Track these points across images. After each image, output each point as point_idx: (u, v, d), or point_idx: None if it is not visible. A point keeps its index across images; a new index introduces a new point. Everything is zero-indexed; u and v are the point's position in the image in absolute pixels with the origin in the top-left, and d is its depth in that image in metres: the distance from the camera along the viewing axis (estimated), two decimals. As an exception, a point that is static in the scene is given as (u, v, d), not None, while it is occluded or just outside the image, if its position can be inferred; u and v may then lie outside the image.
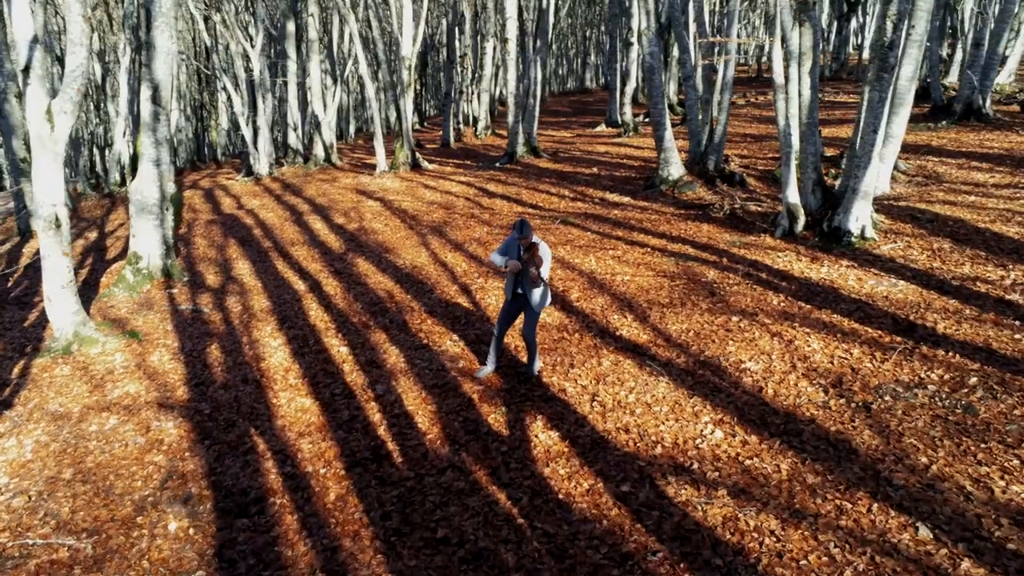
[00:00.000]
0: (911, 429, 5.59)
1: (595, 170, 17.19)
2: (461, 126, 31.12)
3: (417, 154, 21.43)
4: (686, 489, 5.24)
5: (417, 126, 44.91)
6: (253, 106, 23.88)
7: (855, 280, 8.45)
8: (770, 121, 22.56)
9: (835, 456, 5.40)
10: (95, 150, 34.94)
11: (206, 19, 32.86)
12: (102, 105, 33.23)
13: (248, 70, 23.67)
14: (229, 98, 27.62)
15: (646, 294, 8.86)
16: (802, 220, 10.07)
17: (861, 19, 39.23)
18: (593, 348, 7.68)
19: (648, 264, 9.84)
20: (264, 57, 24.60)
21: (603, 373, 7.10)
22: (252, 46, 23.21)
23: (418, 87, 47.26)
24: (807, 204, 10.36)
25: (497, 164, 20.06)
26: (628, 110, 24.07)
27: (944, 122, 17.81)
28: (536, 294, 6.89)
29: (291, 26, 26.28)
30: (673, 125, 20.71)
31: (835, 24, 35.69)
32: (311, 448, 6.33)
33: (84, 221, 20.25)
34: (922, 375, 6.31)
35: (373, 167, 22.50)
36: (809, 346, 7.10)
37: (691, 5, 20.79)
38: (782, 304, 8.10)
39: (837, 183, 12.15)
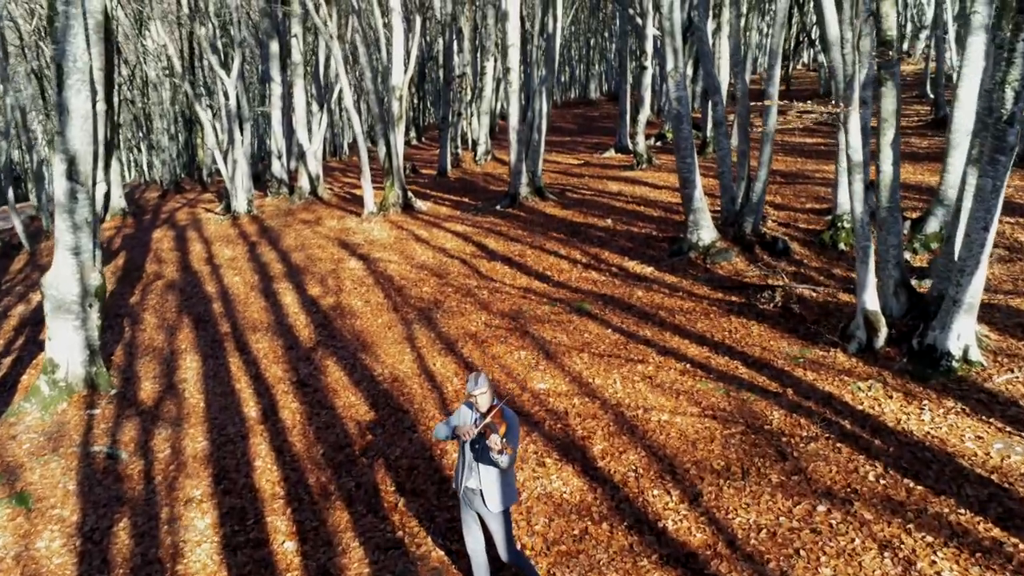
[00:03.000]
0: None
1: (609, 222, 15.09)
2: (459, 150, 29.00)
3: (409, 193, 19.34)
4: None
5: (415, 141, 42.93)
6: (231, 137, 21.81)
7: (973, 440, 6.34)
8: (800, 152, 20.46)
9: None
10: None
11: (191, 33, 30.84)
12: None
13: (226, 95, 21.61)
14: (215, 114, 25.60)
15: (692, 450, 6.75)
16: (884, 333, 7.95)
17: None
18: (629, 554, 5.57)
19: (690, 393, 7.72)
20: (242, 83, 22.52)
21: (647, 613, 5.00)
22: (228, 73, 21.13)
23: (415, 100, 45.27)
24: (888, 309, 8.25)
25: (498, 207, 17.96)
26: (641, 140, 21.94)
27: (1004, 164, 15.66)
28: (496, 486, 4.84)
29: (275, 46, 24.21)
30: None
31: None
32: None
33: (38, 270, 18.18)
34: None
35: (362, 201, 20.31)
36: (938, 574, 5.00)
37: (712, 31, 18.74)
38: (882, 482, 5.98)
39: (916, 257, 10.05)
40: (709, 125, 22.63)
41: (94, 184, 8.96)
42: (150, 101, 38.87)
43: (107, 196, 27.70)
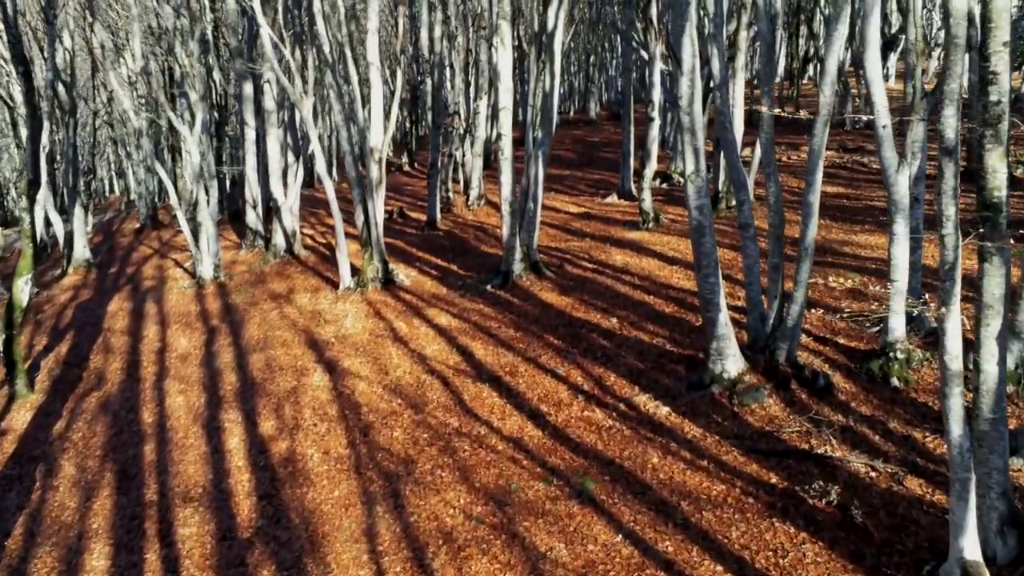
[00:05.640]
0: None
1: (615, 321, 13.09)
2: (451, 192, 26.93)
3: (390, 266, 17.36)
4: None
5: (406, 167, 40.99)
6: (195, 198, 19.85)
7: None
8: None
9: None
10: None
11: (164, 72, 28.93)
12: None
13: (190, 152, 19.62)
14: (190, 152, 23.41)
15: None
16: (990, 594, 5.97)
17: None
18: None
19: None
20: (208, 138, 20.55)
21: None
22: (191, 131, 19.14)
23: (407, 125, 43.34)
24: (990, 551, 6.27)
25: (489, 287, 15.96)
26: (647, 196, 19.90)
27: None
28: None
29: (248, 88, 22.29)
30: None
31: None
32: None
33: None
34: None
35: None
36: None
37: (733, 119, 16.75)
38: None
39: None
40: (721, 178, 20.60)
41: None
42: (126, 131, 36.96)
43: (71, 246, 25.76)
